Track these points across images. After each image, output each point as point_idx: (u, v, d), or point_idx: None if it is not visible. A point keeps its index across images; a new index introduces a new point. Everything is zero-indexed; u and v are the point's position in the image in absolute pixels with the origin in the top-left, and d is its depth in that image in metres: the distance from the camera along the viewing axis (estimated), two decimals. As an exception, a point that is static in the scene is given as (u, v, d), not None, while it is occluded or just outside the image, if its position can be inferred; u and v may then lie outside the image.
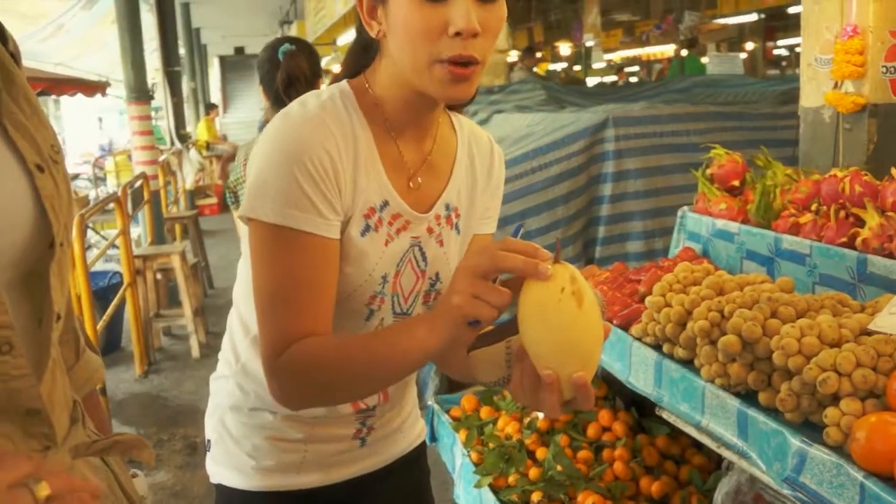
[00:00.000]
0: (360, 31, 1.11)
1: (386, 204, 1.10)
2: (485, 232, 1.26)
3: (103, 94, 9.43)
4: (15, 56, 0.90)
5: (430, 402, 2.85)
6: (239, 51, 21.80)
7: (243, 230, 1.11)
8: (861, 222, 1.78)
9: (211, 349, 5.24)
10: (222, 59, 24.12)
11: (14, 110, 0.83)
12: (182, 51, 12.55)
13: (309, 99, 1.08)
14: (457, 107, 1.24)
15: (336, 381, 1.00)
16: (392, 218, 1.11)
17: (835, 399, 1.36)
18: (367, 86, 1.11)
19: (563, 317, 0.86)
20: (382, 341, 0.99)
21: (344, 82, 1.13)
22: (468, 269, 0.89)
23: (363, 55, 1.13)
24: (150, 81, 7.19)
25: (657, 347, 1.83)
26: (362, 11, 1.06)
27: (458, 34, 0.98)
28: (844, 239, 1.79)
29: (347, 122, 1.07)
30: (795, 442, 1.37)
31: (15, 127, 0.81)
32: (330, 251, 1.04)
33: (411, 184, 1.14)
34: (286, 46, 2.62)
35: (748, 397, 1.55)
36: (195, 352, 5.19)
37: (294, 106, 1.07)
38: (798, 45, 2.57)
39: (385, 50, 1.07)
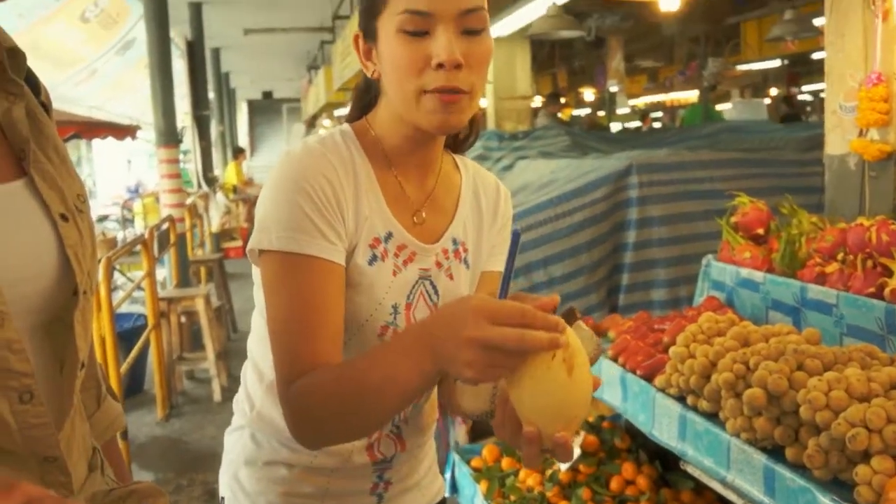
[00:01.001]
0: (363, 74, 1.17)
1: (390, 235, 1.13)
2: (493, 269, 1.27)
3: (133, 137, 9.61)
4: (46, 107, 0.92)
5: (451, 452, 2.82)
6: (267, 95, 22.18)
7: (257, 275, 1.12)
8: (889, 272, 1.75)
9: (233, 393, 5.19)
10: (250, 103, 24.54)
11: (42, 160, 0.84)
12: (211, 95, 12.79)
13: (310, 138, 1.13)
14: (459, 148, 1.28)
15: (344, 410, 0.97)
16: (398, 249, 1.13)
17: (865, 456, 1.33)
18: (368, 126, 1.16)
19: (550, 385, 0.85)
20: (383, 369, 0.93)
21: (345, 124, 1.18)
22: (482, 341, 0.83)
23: (365, 96, 1.19)
24: (179, 125, 7.32)
25: (681, 399, 1.80)
26: (359, 54, 1.13)
27: (440, 66, 1.02)
28: (872, 289, 1.76)
29: (347, 156, 1.11)
30: (825, 500, 1.33)
31: (42, 177, 0.83)
32: (336, 276, 1.05)
33: (416, 219, 1.16)
34: None
35: (775, 452, 1.51)
36: (217, 395, 5.19)
37: (296, 145, 1.12)
38: (822, 90, 2.56)
39: (383, 89, 1.13)
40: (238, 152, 15.10)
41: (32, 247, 0.81)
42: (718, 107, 12.15)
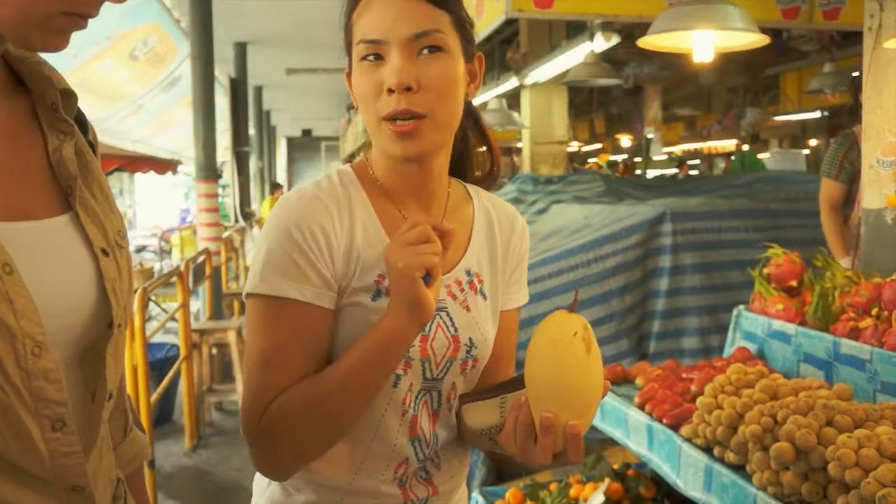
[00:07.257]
0: None
1: None
2: (513, 307, 1.25)
3: (174, 171, 9.80)
4: (93, 145, 0.95)
5: (475, 494, 2.80)
6: (306, 133, 22.51)
7: None
8: (924, 330, 1.73)
9: (260, 426, 5.23)
10: (290, 140, 24.92)
11: (87, 197, 0.87)
12: (252, 131, 13.01)
13: (307, 182, 1.14)
14: (483, 183, 1.27)
15: (317, 410, 1.00)
16: None
17: (895, 517, 1.30)
18: (366, 165, 1.16)
19: (570, 359, 0.89)
20: (352, 351, 1.03)
21: (346, 165, 1.18)
22: (395, 243, 1.01)
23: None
24: (219, 160, 7.46)
25: (707, 450, 1.78)
26: (351, 91, 1.13)
27: (391, 91, 1.03)
28: (906, 346, 1.74)
29: (343, 195, 1.10)
30: (852, 560, 1.30)
31: (86, 213, 0.86)
32: (320, 321, 1.06)
33: None
34: None
35: (803, 509, 1.49)
36: (245, 428, 5.20)
37: (293, 189, 1.13)
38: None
39: None
40: (275, 188, 15.31)
41: (73, 280, 0.83)
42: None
